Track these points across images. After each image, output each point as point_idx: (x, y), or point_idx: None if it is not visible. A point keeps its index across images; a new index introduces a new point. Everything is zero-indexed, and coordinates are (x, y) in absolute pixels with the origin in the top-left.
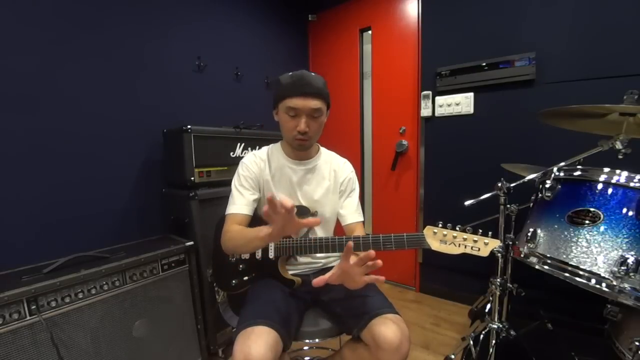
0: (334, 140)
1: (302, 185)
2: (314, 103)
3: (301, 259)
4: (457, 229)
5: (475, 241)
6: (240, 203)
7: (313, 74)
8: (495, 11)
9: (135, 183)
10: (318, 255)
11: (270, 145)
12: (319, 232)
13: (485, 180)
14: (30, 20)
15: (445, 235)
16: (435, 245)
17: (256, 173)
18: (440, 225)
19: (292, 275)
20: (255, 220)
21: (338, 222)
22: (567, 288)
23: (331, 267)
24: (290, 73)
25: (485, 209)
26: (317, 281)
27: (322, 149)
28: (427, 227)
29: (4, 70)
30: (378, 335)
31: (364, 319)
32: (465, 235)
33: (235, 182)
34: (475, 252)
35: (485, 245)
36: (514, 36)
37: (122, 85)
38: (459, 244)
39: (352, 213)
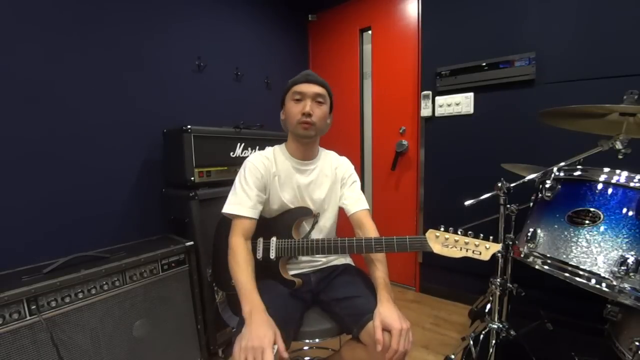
0: (334, 140)
1: (307, 187)
2: (318, 88)
3: (302, 258)
4: (459, 232)
5: (476, 245)
6: (246, 205)
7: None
8: (495, 11)
9: (135, 183)
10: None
11: (275, 146)
12: (321, 234)
13: (485, 180)
14: (27, 18)
15: (447, 239)
16: (437, 248)
17: (263, 173)
18: (442, 229)
19: (293, 275)
20: (259, 221)
21: (340, 224)
22: (567, 288)
23: (331, 266)
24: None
25: (486, 209)
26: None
27: (322, 149)
28: (430, 230)
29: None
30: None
31: (362, 319)
32: (467, 239)
33: (240, 180)
34: (476, 256)
35: (486, 250)
36: (514, 36)
37: (121, 86)
38: (461, 248)
39: (355, 201)
